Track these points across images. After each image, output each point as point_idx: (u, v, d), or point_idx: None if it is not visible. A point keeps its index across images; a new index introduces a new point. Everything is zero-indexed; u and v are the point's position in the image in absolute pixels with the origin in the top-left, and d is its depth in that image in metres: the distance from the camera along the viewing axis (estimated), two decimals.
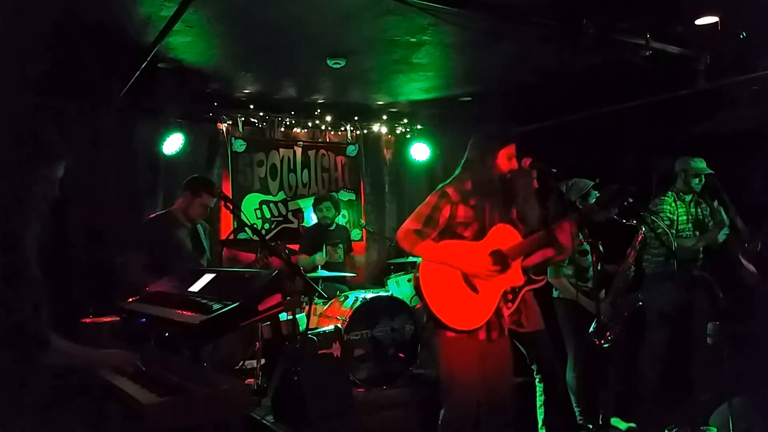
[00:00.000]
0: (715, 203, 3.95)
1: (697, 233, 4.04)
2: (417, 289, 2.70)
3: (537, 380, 3.50)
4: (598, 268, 3.97)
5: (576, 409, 3.84)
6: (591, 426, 3.89)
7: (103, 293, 3.62)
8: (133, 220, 4.73)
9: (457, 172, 2.86)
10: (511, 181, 2.78)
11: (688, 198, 4.06)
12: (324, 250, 5.27)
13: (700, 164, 4.02)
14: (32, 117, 1.85)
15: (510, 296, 3.04)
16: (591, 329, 3.53)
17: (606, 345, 3.73)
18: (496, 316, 2.75)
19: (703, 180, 3.98)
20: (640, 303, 3.85)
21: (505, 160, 2.75)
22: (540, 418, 3.50)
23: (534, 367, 3.48)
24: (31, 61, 3.88)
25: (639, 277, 4.02)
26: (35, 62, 3.93)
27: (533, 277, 3.16)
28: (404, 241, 2.71)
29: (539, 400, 3.50)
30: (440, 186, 2.81)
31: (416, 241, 2.68)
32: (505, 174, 2.76)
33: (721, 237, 3.95)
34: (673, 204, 3.99)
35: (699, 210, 4.10)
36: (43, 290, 1.74)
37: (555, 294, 3.91)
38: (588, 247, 3.68)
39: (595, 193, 3.99)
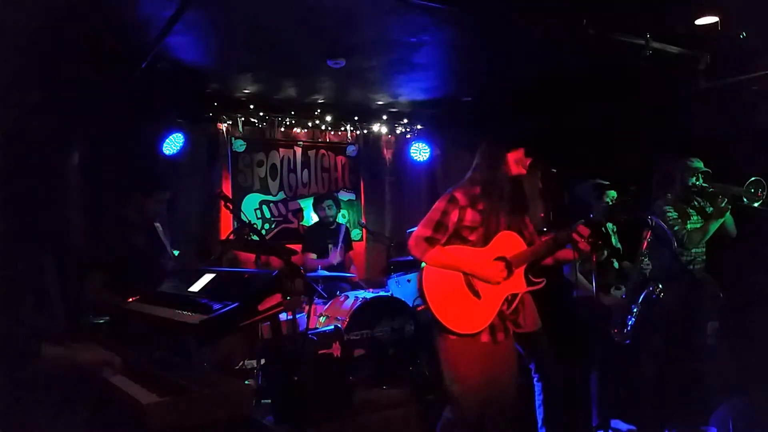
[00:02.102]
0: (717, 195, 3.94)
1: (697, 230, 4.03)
2: (420, 291, 2.72)
3: (536, 380, 3.50)
4: (615, 265, 4.03)
5: (595, 409, 3.86)
6: (593, 425, 3.89)
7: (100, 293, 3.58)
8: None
9: (467, 176, 2.86)
10: (521, 185, 2.80)
11: (684, 200, 4.05)
12: (329, 250, 5.29)
13: (698, 164, 4.02)
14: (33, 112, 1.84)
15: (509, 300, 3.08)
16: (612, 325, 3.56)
17: (627, 341, 3.73)
18: (500, 319, 2.75)
19: (701, 179, 3.98)
20: (654, 296, 3.82)
21: (514, 164, 2.77)
22: (540, 417, 3.49)
23: (532, 366, 3.47)
24: (29, 60, 3.87)
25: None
26: (34, 61, 3.92)
27: (532, 279, 3.17)
28: (415, 249, 2.72)
29: (538, 399, 3.49)
30: (450, 190, 2.81)
31: (427, 249, 2.69)
32: (515, 178, 2.77)
33: (730, 227, 3.93)
34: (673, 210, 3.99)
35: (698, 206, 4.09)
36: (41, 296, 1.74)
37: (575, 293, 3.92)
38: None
39: (612, 193, 4.00)
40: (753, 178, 3.69)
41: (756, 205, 3.69)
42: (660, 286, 3.81)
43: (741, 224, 3.94)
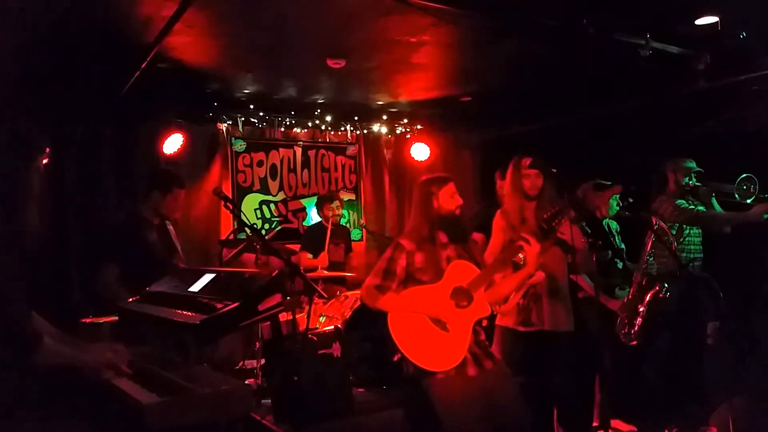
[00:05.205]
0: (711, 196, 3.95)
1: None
2: (390, 341, 2.72)
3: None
4: (618, 266, 4.03)
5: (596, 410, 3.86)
6: (595, 425, 3.89)
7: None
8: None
9: (411, 219, 2.97)
10: (457, 216, 2.86)
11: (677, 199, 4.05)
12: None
13: (690, 164, 4.03)
14: (13, 113, 1.85)
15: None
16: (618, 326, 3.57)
17: (633, 342, 3.74)
18: (479, 347, 2.75)
19: (693, 179, 3.99)
20: (661, 295, 3.81)
21: (448, 198, 2.85)
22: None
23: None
24: (30, 60, 3.88)
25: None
26: (35, 61, 3.93)
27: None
28: (367, 298, 2.80)
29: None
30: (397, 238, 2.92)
31: (377, 296, 2.76)
32: (452, 212, 2.84)
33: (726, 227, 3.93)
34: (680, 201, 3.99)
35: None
36: (37, 289, 1.74)
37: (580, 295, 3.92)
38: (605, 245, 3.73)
39: (615, 195, 4.00)
40: (744, 175, 3.71)
41: (748, 201, 3.70)
42: (666, 285, 3.81)
43: (740, 224, 3.94)
